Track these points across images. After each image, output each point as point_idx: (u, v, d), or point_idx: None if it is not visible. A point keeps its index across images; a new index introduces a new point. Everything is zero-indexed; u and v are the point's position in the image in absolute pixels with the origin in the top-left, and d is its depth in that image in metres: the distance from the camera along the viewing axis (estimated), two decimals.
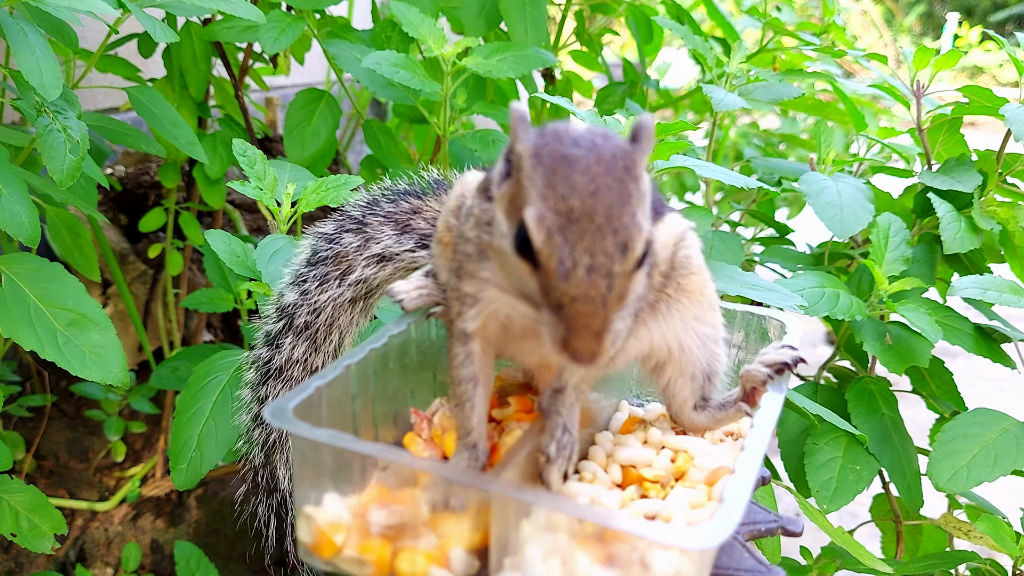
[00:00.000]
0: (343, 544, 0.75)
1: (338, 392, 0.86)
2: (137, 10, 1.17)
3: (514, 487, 0.69)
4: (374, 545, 0.74)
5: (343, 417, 0.87)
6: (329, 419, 0.84)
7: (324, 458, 0.78)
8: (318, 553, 0.77)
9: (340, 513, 0.76)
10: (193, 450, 1.11)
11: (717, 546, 0.64)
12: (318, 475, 0.78)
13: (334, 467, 0.78)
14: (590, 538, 0.69)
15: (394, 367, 0.93)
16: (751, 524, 0.85)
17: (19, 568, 1.64)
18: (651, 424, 0.94)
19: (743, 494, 0.69)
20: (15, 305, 1.03)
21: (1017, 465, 1.25)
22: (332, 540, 0.75)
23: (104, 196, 2.01)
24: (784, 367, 0.88)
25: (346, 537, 0.75)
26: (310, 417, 0.80)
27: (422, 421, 0.92)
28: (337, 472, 0.78)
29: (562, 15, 1.99)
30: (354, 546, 0.75)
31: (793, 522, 0.85)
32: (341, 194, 1.12)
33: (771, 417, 0.82)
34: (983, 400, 1.42)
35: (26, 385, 1.81)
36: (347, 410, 0.88)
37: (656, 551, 0.67)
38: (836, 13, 1.82)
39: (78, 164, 1.06)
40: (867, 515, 1.62)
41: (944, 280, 1.60)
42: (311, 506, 0.77)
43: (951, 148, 1.59)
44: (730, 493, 0.69)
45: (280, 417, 0.77)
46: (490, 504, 0.70)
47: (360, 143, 2.81)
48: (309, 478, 0.78)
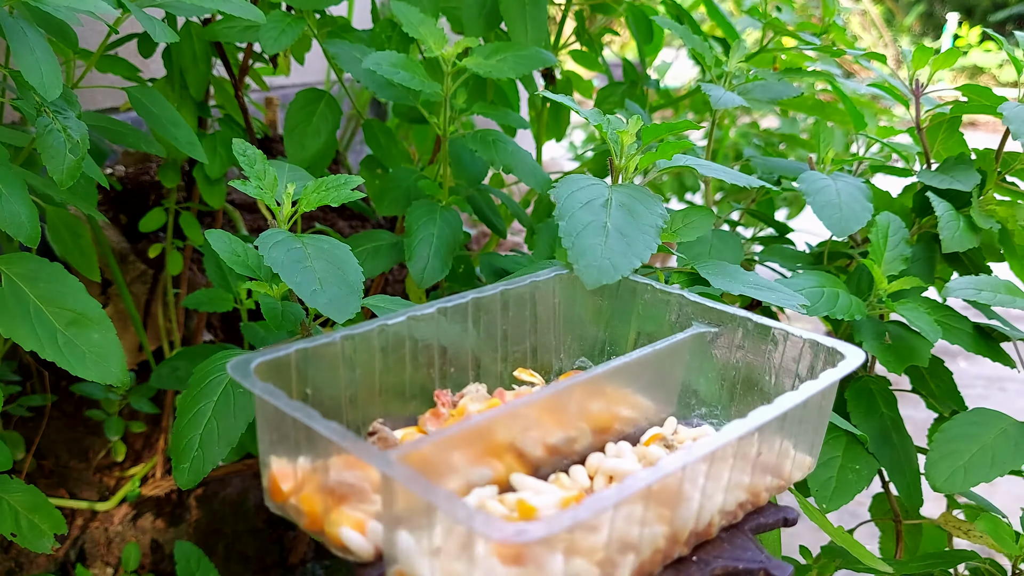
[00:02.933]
0: (289, 492, 0.82)
1: (326, 359, 0.88)
2: (137, 10, 1.17)
3: (410, 473, 0.69)
4: (313, 499, 0.80)
5: (332, 386, 0.90)
6: (313, 382, 0.89)
7: (276, 416, 0.82)
8: (272, 498, 0.84)
9: (291, 466, 0.83)
10: (196, 450, 1.11)
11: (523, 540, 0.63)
12: (273, 432, 0.83)
13: (292, 430, 0.82)
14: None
15: (413, 349, 0.97)
16: (730, 560, 0.84)
17: (19, 568, 1.64)
18: (662, 439, 0.94)
19: (602, 501, 0.67)
20: (15, 305, 1.03)
21: (1015, 465, 1.25)
22: (281, 488, 0.83)
23: (104, 196, 2.01)
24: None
25: (293, 487, 0.82)
26: (281, 379, 0.86)
27: (441, 403, 0.95)
28: (295, 435, 0.82)
29: (562, 15, 1.99)
30: (298, 497, 0.82)
31: (780, 567, 0.83)
32: (341, 194, 1.12)
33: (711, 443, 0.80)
34: (982, 400, 1.42)
35: (26, 385, 1.81)
36: (337, 376, 0.91)
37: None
38: (836, 13, 1.82)
39: (78, 164, 1.06)
40: (866, 514, 1.62)
41: (943, 279, 1.60)
42: (272, 456, 0.84)
43: (950, 147, 1.59)
44: (590, 500, 0.67)
45: (239, 371, 0.83)
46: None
47: (360, 143, 2.81)
48: (266, 432, 0.84)
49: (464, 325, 1.03)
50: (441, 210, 1.45)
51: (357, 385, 0.94)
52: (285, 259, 1.03)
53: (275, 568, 1.87)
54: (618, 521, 0.72)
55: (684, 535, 0.80)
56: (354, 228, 2.36)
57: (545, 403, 0.88)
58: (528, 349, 1.09)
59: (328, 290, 1.01)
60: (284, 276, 1.01)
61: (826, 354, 0.96)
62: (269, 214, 1.14)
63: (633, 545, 0.75)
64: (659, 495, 0.75)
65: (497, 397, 0.97)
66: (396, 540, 0.72)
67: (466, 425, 0.84)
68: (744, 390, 1.04)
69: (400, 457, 0.74)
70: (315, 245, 1.07)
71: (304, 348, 0.87)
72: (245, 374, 0.82)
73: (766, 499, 0.92)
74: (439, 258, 1.39)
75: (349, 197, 1.13)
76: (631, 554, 0.75)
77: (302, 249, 1.05)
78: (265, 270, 1.15)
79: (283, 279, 1.01)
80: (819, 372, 0.95)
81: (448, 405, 0.96)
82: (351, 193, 1.13)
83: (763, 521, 0.90)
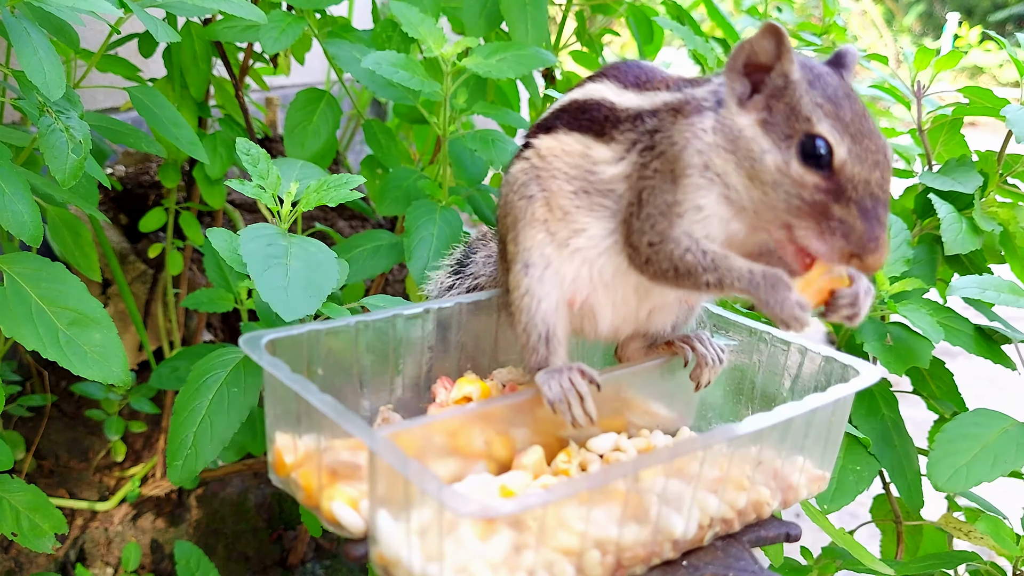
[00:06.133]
0: (291, 467, 0.86)
1: (341, 343, 0.92)
2: (139, 10, 1.17)
3: (389, 447, 0.71)
4: (312, 475, 0.83)
5: (344, 369, 0.93)
6: (324, 364, 0.92)
7: (281, 391, 0.85)
8: (276, 472, 0.88)
9: (295, 442, 0.86)
10: (189, 447, 1.11)
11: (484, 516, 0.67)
12: (278, 406, 0.86)
13: (295, 404, 0.85)
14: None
15: (429, 337, 1.00)
16: (721, 568, 0.85)
17: (19, 568, 1.64)
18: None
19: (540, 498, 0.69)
20: (17, 305, 1.03)
21: (1016, 465, 1.25)
22: (284, 462, 0.87)
23: (104, 196, 2.01)
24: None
25: (295, 462, 0.86)
26: (292, 357, 0.88)
27: (441, 387, 0.98)
28: (297, 409, 0.85)
29: (563, 15, 1.99)
30: (299, 472, 0.85)
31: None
32: (341, 194, 1.12)
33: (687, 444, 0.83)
34: (983, 401, 1.42)
35: (26, 385, 1.81)
36: (349, 360, 0.94)
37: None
38: (836, 13, 1.82)
39: (80, 164, 1.06)
40: (867, 515, 1.62)
41: (944, 281, 1.60)
42: (276, 431, 0.87)
43: (952, 149, 1.59)
44: (525, 497, 0.70)
45: (250, 345, 0.86)
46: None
47: (360, 143, 2.81)
48: (272, 407, 0.87)
49: (489, 318, 1.05)
50: (441, 210, 1.45)
51: (369, 371, 0.95)
52: (259, 252, 1.03)
53: (275, 568, 1.87)
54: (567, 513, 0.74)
55: (655, 537, 0.81)
56: (354, 228, 2.36)
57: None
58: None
59: (292, 289, 1.01)
60: (251, 268, 1.01)
61: (841, 370, 0.97)
62: (269, 214, 1.14)
63: (588, 536, 0.76)
64: (603, 495, 0.76)
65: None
66: (377, 521, 0.73)
67: (460, 411, 0.85)
68: (762, 404, 1.05)
69: (390, 435, 0.75)
70: (301, 246, 1.07)
71: (317, 329, 0.90)
72: (255, 347, 0.85)
73: (769, 512, 0.92)
74: (439, 258, 1.39)
75: (349, 197, 1.13)
76: (595, 550, 0.76)
77: (285, 247, 1.05)
78: None
79: (249, 271, 1.01)
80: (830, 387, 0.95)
81: (449, 391, 0.97)
82: (351, 193, 1.13)
83: (763, 534, 0.90)
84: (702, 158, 0.84)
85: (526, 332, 0.92)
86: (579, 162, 0.92)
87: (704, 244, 0.84)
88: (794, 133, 0.81)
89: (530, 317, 0.92)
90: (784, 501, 0.94)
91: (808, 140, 0.80)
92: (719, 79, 0.88)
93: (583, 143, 0.92)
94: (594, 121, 0.92)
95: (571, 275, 0.92)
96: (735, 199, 0.84)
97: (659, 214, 0.85)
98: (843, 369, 0.97)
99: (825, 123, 0.79)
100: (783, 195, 0.81)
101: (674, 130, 0.86)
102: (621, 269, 0.91)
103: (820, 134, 0.79)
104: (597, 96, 0.93)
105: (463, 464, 0.84)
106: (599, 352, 1.14)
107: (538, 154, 0.95)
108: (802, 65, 0.83)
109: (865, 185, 0.79)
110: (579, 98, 0.95)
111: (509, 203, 0.95)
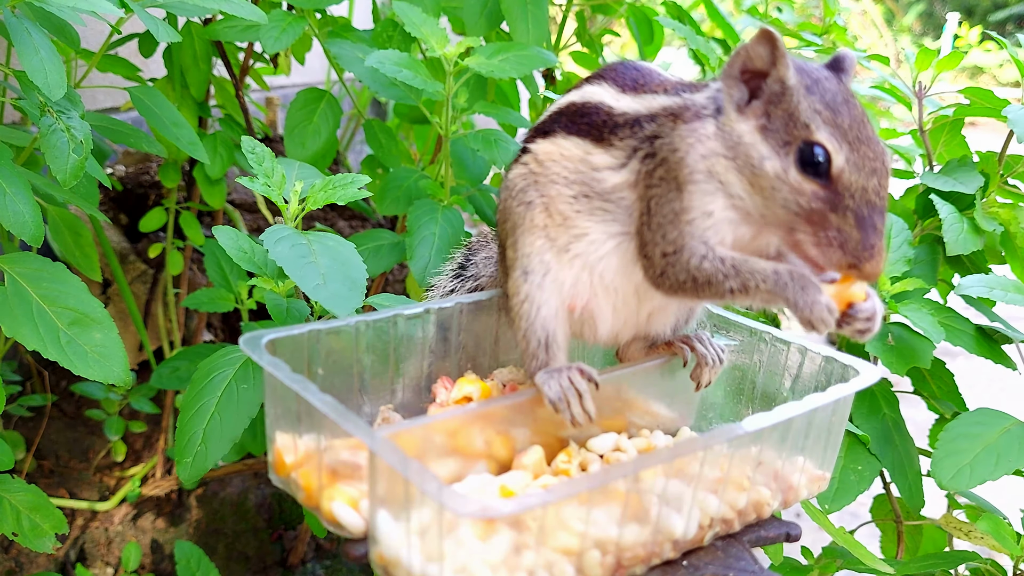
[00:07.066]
0: (291, 467, 0.86)
1: (342, 342, 0.92)
2: (139, 10, 1.17)
3: (389, 446, 0.71)
4: (312, 475, 0.84)
5: (344, 369, 0.94)
6: (324, 363, 0.92)
7: (281, 390, 0.85)
8: (276, 472, 0.88)
9: (295, 442, 0.86)
10: (199, 444, 1.11)
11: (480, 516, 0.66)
12: (278, 405, 0.87)
13: (295, 404, 0.85)
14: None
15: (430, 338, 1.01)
16: (721, 568, 0.85)
17: (19, 568, 1.64)
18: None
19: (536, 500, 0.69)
20: (17, 304, 1.03)
21: (1019, 464, 1.25)
22: (284, 462, 0.87)
23: (105, 196, 2.00)
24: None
25: (295, 462, 0.86)
26: (293, 356, 0.88)
27: (441, 387, 0.98)
28: (297, 409, 0.85)
29: (563, 16, 1.99)
30: (299, 472, 0.85)
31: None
32: (348, 192, 1.12)
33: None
34: (983, 401, 1.42)
35: (26, 385, 1.81)
36: (349, 360, 0.94)
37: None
38: (836, 13, 1.82)
39: (81, 164, 1.06)
40: (868, 515, 1.62)
41: (945, 281, 1.60)
42: (277, 431, 0.88)
43: (953, 149, 1.59)
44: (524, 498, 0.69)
45: (250, 344, 0.86)
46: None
47: (361, 143, 2.81)
48: (272, 407, 0.87)
49: (490, 318, 1.05)
50: (442, 209, 1.45)
51: (369, 371, 0.95)
52: (290, 254, 1.03)
53: (275, 568, 1.87)
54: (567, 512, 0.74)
55: (655, 537, 0.81)
56: (354, 228, 2.36)
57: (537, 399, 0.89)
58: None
59: (331, 285, 1.01)
60: (288, 270, 1.01)
61: (841, 370, 0.97)
62: (270, 213, 1.14)
63: (589, 535, 0.76)
64: (603, 495, 0.77)
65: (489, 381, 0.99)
66: (377, 521, 0.73)
67: (460, 411, 0.85)
68: (762, 404, 1.05)
69: (390, 435, 0.76)
70: (320, 242, 1.07)
71: (318, 329, 0.91)
72: (255, 347, 0.85)
73: (769, 512, 0.92)
74: (440, 257, 1.39)
75: (356, 196, 1.13)
76: (594, 550, 0.76)
77: (307, 245, 1.05)
78: (271, 266, 1.16)
79: (287, 273, 1.01)
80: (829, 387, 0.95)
81: (449, 391, 0.97)
82: (358, 192, 1.14)
83: (764, 534, 0.90)
84: (706, 163, 0.84)
85: (526, 338, 0.92)
86: (578, 167, 0.91)
87: (720, 250, 0.84)
88: (792, 140, 0.80)
89: (530, 323, 0.92)
90: (784, 501, 0.94)
91: (806, 147, 0.79)
92: (717, 84, 0.87)
93: (582, 147, 0.92)
94: (592, 125, 0.92)
95: (571, 281, 0.92)
96: (739, 205, 0.84)
97: (668, 223, 0.85)
98: (843, 369, 0.97)
99: (823, 130, 0.79)
100: (782, 201, 0.81)
101: (674, 136, 0.86)
102: (622, 272, 0.91)
103: (818, 141, 0.79)
104: (595, 100, 0.93)
105: (463, 464, 0.84)
106: (599, 353, 1.14)
107: (536, 159, 0.95)
108: (799, 70, 0.82)
109: (862, 193, 0.79)
110: (576, 101, 0.95)
111: (508, 208, 0.95)
